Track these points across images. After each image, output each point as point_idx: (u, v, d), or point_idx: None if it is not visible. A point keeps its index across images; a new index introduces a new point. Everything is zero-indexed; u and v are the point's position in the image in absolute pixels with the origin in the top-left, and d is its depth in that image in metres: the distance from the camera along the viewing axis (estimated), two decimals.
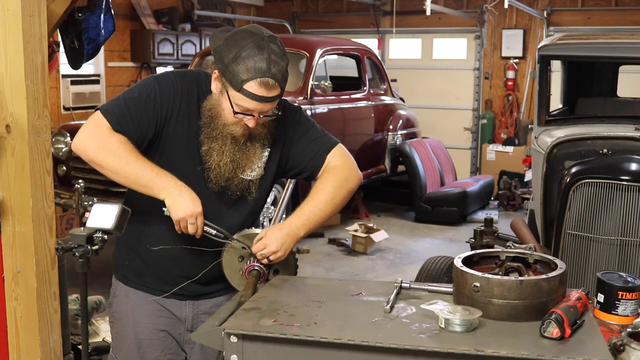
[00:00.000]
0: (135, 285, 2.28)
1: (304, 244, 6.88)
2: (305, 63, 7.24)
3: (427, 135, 9.23)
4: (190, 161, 2.14)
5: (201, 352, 2.31)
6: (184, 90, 2.13)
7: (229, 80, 2.01)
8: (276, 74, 2.01)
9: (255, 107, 2.03)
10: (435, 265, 4.07)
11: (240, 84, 1.99)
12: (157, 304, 2.27)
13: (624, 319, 1.83)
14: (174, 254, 2.19)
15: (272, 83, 2.01)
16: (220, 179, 2.14)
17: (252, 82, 1.99)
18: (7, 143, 2.44)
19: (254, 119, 2.06)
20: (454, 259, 1.88)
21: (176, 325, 2.30)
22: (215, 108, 2.10)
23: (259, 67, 1.98)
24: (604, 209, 3.36)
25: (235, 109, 2.03)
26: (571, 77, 5.62)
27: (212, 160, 2.11)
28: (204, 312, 2.31)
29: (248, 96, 2.00)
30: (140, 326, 2.27)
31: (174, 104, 2.11)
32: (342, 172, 2.25)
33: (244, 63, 1.98)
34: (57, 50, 4.67)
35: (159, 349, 2.28)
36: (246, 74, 1.98)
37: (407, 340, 1.61)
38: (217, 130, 2.10)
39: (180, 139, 2.13)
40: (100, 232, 1.87)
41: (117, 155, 2.01)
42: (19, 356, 2.55)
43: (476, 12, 9.99)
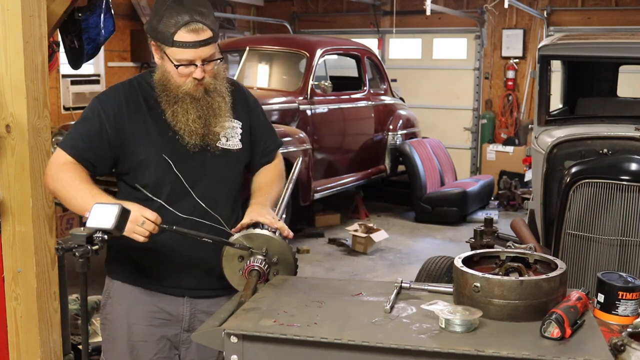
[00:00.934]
0: (131, 281, 2.27)
1: (304, 244, 6.89)
2: (305, 63, 7.24)
3: (427, 135, 9.23)
4: (161, 134, 2.19)
5: (197, 352, 2.30)
6: (126, 95, 2.22)
7: (162, 40, 2.11)
8: (201, 18, 2.10)
9: (193, 55, 2.11)
10: (435, 266, 4.07)
11: (171, 38, 2.09)
12: (153, 305, 2.26)
13: (624, 319, 1.83)
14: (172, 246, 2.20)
15: (200, 27, 2.09)
16: (195, 137, 2.19)
17: (180, 31, 2.08)
18: (7, 143, 2.44)
19: (199, 68, 2.13)
20: (454, 259, 1.88)
21: (172, 326, 2.29)
22: (163, 75, 2.18)
23: (182, 17, 2.08)
24: (604, 209, 3.36)
25: (176, 64, 2.11)
26: (571, 77, 5.62)
27: (179, 121, 2.18)
28: (202, 311, 2.30)
29: (182, 46, 2.09)
30: (135, 327, 2.26)
31: (120, 112, 2.18)
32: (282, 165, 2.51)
33: (168, 20, 2.09)
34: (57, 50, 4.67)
35: (152, 351, 2.26)
36: (173, 27, 2.08)
37: (408, 340, 1.61)
38: (173, 93, 2.17)
39: (142, 132, 2.19)
40: (100, 232, 1.86)
41: (64, 183, 2.11)
42: (19, 356, 2.56)
43: (476, 12, 9.99)
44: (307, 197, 6.76)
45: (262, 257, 2.14)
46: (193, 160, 2.22)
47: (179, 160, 2.19)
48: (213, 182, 2.26)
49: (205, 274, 2.28)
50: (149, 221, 1.99)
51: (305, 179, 6.66)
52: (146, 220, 1.99)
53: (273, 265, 2.17)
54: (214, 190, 2.26)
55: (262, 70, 7.68)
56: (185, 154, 2.20)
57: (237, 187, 2.38)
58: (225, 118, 2.25)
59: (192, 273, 2.27)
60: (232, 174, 2.33)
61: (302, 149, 6.53)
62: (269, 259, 2.16)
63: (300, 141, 6.55)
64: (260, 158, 2.44)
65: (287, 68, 7.56)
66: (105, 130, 2.16)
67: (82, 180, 2.11)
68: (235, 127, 2.31)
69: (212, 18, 2.14)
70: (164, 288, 2.27)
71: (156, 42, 2.14)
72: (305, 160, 6.59)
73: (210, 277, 2.29)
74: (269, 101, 6.85)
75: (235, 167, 2.34)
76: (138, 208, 2.00)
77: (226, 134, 2.27)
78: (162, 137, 2.19)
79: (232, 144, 2.29)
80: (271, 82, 7.54)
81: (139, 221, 1.98)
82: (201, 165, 2.24)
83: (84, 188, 2.09)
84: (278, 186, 2.40)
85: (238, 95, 2.36)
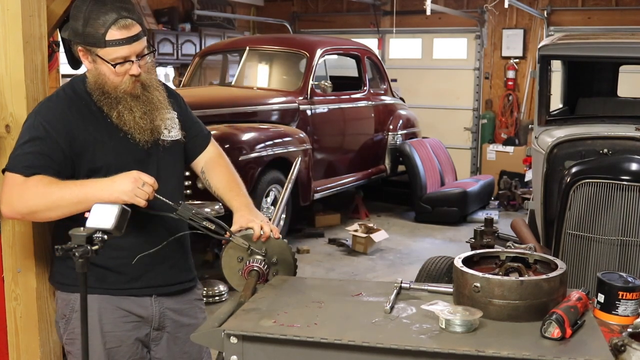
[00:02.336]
0: (98, 291, 2.20)
1: (304, 244, 6.89)
2: (305, 63, 7.24)
3: (427, 135, 9.23)
4: (112, 138, 2.17)
5: (167, 348, 2.32)
6: (68, 105, 2.16)
7: (92, 43, 2.08)
8: (127, 14, 2.08)
9: (128, 51, 2.09)
10: (435, 266, 4.07)
11: (102, 39, 2.06)
12: (122, 310, 2.24)
13: (624, 319, 1.83)
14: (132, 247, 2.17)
15: (130, 22, 2.08)
16: (144, 133, 2.18)
17: (110, 30, 2.06)
18: (7, 143, 2.44)
19: (135, 64, 2.11)
20: (454, 259, 1.88)
21: (142, 327, 2.28)
22: (98, 79, 2.14)
23: (109, 16, 2.06)
24: (604, 209, 3.35)
25: (113, 63, 2.08)
26: (571, 77, 5.61)
27: (126, 120, 2.16)
28: (170, 308, 2.31)
29: (115, 44, 2.07)
30: (108, 335, 2.23)
31: (67, 123, 2.12)
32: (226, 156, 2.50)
33: (94, 21, 2.06)
34: (57, 50, 4.66)
35: (127, 355, 2.26)
36: (102, 27, 2.05)
37: (408, 340, 1.61)
38: (112, 95, 2.14)
39: (94, 140, 2.15)
40: (100, 232, 1.86)
41: (39, 194, 2.03)
42: (19, 356, 2.55)
43: (476, 12, 9.99)
44: (307, 197, 6.76)
45: (262, 258, 2.14)
46: (148, 158, 2.22)
47: (135, 160, 2.18)
48: (168, 175, 2.27)
49: (169, 269, 2.29)
50: (148, 184, 2.02)
51: (305, 179, 6.66)
52: (145, 182, 2.02)
53: (272, 266, 2.17)
54: (170, 183, 2.26)
55: (262, 70, 7.68)
56: (140, 152, 2.19)
57: (183, 176, 2.42)
58: (166, 110, 2.26)
59: (156, 270, 2.26)
60: (180, 164, 2.36)
61: (302, 149, 6.53)
62: (269, 259, 2.16)
63: (300, 141, 6.55)
64: (194, 144, 2.43)
65: (287, 68, 7.56)
66: (58, 144, 2.09)
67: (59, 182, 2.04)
68: (173, 118, 2.31)
69: (137, 12, 2.14)
70: (130, 290, 2.25)
71: (85, 46, 2.10)
72: (305, 160, 6.59)
73: (174, 272, 2.31)
74: (269, 101, 6.85)
75: (181, 156, 2.37)
76: (137, 172, 2.03)
77: (167, 126, 2.27)
78: (114, 140, 2.16)
79: (174, 134, 2.30)
80: (271, 82, 7.53)
81: (139, 183, 2.01)
82: (155, 160, 2.24)
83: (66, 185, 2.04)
84: (238, 178, 2.43)
85: (167, 89, 2.36)
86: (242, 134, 5.92)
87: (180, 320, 2.34)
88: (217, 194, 2.40)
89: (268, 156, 6.07)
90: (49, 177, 2.05)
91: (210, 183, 2.42)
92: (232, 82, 7.45)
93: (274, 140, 6.22)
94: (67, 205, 2.05)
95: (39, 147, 2.08)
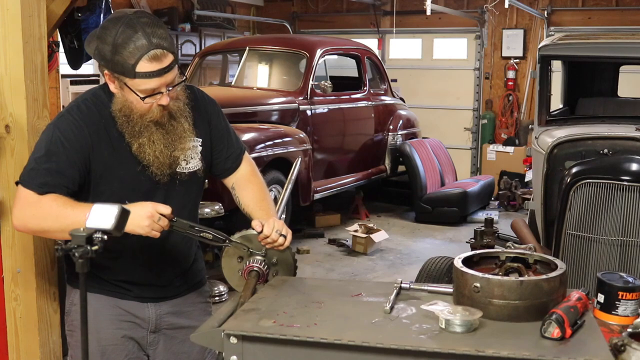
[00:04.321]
0: (96, 290, 2.19)
1: (304, 244, 6.88)
2: (305, 63, 7.24)
3: (427, 135, 9.22)
4: (129, 168, 2.10)
5: (165, 352, 2.30)
6: (87, 122, 2.07)
7: (121, 72, 1.98)
8: (159, 42, 1.96)
9: (158, 83, 1.99)
10: (435, 266, 4.07)
11: (132, 70, 1.95)
12: (119, 309, 2.24)
13: (624, 319, 1.83)
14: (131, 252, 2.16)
15: (161, 52, 1.96)
16: (164, 168, 2.11)
17: (141, 61, 1.94)
18: (7, 143, 2.44)
19: (164, 95, 2.02)
20: (454, 260, 1.88)
21: (139, 328, 2.27)
22: (124, 106, 2.05)
23: (140, 44, 1.94)
24: (604, 210, 3.35)
25: (142, 95, 1.99)
26: (572, 77, 5.61)
27: (147, 155, 2.07)
28: (167, 312, 2.30)
29: (146, 77, 1.96)
30: (104, 332, 2.22)
31: (84, 141, 2.05)
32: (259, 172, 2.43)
33: (124, 49, 1.94)
34: (56, 50, 4.68)
35: (122, 353, 2.25)
36: (132, 57, 1.94)
37: (408, 341, 1.61)
38: (138, 124, 2.05)
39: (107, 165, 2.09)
40: (99, 232, 1.86)
41: (52, 216, 1.97)
42: (19, 356, 2.55)
43: (476, 12, 9.98)
44: (307, 197, 6.75)
45: (262, 258, 2.14)
46: (158, 191, 2.15)
47: (145, 193, 2.11)
48: (178, 206, 2.15)
49: (168, 281, 2.27)
50: (164, 217, 1.96)
51: (305, 179, 6.66)
52: (162, 216, 1.95)
53: (272, 266, 2.17)
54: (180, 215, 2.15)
55: (262, 70, 7.68)
56: (152, 186, 2.13)
57: (197, 204, 2.34)
58: (188, 139, 2.15)
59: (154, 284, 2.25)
60: (194, 195, 2.28)
61: (302, 149, 6.53)
62: (268, 260, 2.15)
63: (300, 141, 6.55)
64: (225, 165, 2.34)
65: (287, 68, 7.56)
66: (74, 160, 2.03)
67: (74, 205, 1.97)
68: (195, 147, 2.21)
69: (169, 38, 2.01)
70: (127, 297, 2.24)
71: (114, 73, 1.99)
72: (305, 161, 6.59)
73: (172, 284, 2.29)
74: (269, 101, 6.85)
75: (196, 187, 2.27)
76: (152, 205, 1.95)
77: (186, 157, 2.17)
78: (125, 170, 2.10)
79: (192, 165, 2.20)
80: (271, 82, 7.53)
81: (156, 217, 1.94)
82: (165, 193, 2.17)
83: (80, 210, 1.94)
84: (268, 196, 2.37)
85: (197, 106, 2.23)
86: (242, 134, 5.91)
87: (178, 322, 2.32)
88: (245, 211, 2.33)
89: (268, 156, 6.07)
90: (63, 198, 1.99)
91: (240, 200, 2.35)
92: (232, 82, 7.45)
93: (273, 141, 6.22)
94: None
95: (54, 163, 2.01)
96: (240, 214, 2.38)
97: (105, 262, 2.17)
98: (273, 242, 2.13)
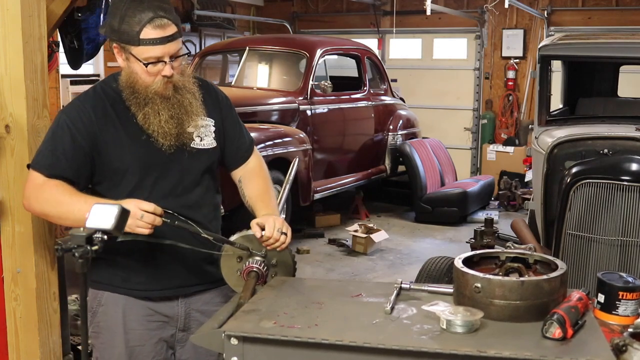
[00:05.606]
0: (122, 291, 2.22)
1: (304, 244, 6.88)
2: (305, 63, 7.23)
3: (427, 135, 9.22)
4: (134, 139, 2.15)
5: (193, 350, 2.29)
6: (92, 103, 2.16)
7: (126, 41, 2.06)
8: (164, 14, 2.06)
9: (161, 51, 2.06)
10: (435, 266, 4.06)
11: (137, 37, 2.04)
12: (147, 309, 2.24)
13: (624, 319, 1.83)
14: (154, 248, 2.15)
15: (165, 22, 2.06)
16: (170, 138, 2.15)
17: (145, 28, 2.04)
18: (7, 143, 2.44)
19: (168, 65, 2.09)
20: (455, 260, 1.88)
21: (167, 327, 2.28)
22: (130, 77, 2.13)
23: (145, 14, 2.04)
24: (604, 210, 3.35)
25: (145, 62, 2.07)
26: (571, 77, 5.61)
27: (152, 123, 2.13)
28: (196, 309, 2.30)
29: (149, 43, 2.04)
30: (132, 333, 2.23)
31: (89, 121, 2.13)
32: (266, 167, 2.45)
33: (130, 19, 2.04)
34: (56, 50, 4.67)
35: (150, 355, 2.25)
36: (137, 25, 2.04)
37: (409, 341, 1.61)
38: (142, 94, 2.12)
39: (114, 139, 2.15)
40: (99, 232, 1.86)
41: (52, 202, 2.08)
42: (19, 356, 2.55)
43: (476, 12, 9.98)
44: (307, 197, 6.75)
45: (261, 259, 2.14)
46: (170, 163, 2.18)
47: (156, 163, 2.16)
48: (191, 183, 2.23)
49: (193, 267, 2.26)
50: (148, 213, 1.97)
51: (305, 179, 6.66)
52: (145, 212, 1.97)
53: (272, 267, 2.17)
54: (193, 192, 2.23)
55: (262, 70, 7.67)
56: (162, 157, 2.16)
57: (215, 185, 2.35)
58: (198, 116, 2.21)
59: (179, 270, 2.24)
60: (209, 173, 2.30)
61: (302, 149, 6.53)
62: (268, 261, 2.15)
63: (300, 141, 6.55)
64: (236, 156, 2.39)
65: (287, 68, 7.56)
66: (79, 142, 2.11)
67: (72, 194, 2.08)
68: (208, 125, 2.27)
69: (174, 13, 2.11)
70: (156, 292, 2.25)
71: (120, 43, 2.09)
72: (305, 161, 6.59)
73: (198, 270, 2.27)
74: (269, 101, 6.85)
75: (211, 166, 2.31)
76: (135, 203, 1.98)
77: (200, 133, 2.23)
78: (135, 142, 2.15)
79: (206, 142, 2.25)
80: (271, 82, 7.53)
81: (138, 215, 1.96)
82: (178, 167, 2.20)
83: (77, 200, 2.05)
84: (272, 190, 2.40)
85: (208, 92, 2.31)
86: None
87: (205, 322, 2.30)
88: (249, 204, 2.36)
89: (268, 156, 6.06)
90: (66, 186, 2.08)
91: (244, 193, 2.38)
92: (232, 82, 7.44)
93: (273, 141, 6.22)
94: (73, 220, 2.05)
95: (60, 145, 2.11)
96: (241, 214, 2.38)
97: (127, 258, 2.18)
98: (275, 242, 2.13)
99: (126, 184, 2.16)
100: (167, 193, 2.17)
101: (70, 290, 3.13)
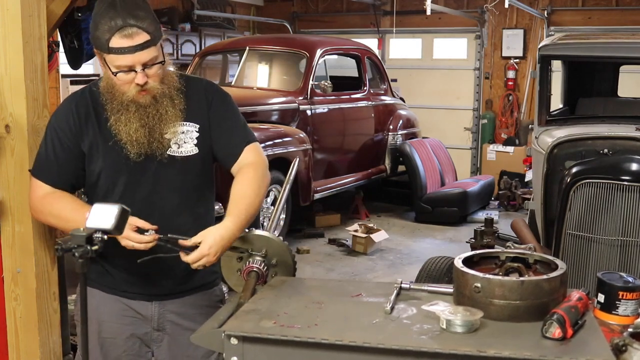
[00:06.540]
0: (97, 286, 2.23)
1: (304, 244, 6.88)
2: (305, 63, 7.24)
3: (427, 135, 9.22)
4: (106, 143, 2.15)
5: (169, 350, 2.30)
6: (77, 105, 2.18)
7: (99, 47, 2.05)
8: (134, 22, 2.01)
9: (131, 60, 2.03)
10: (435, 266, 4.07)
11: (106, 45, 2.02)
12: (121, 303, 2.25)
13: (624, 319, 1.83)
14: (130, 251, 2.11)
15: (134, 31, 2.01)
16: (138, 147, 2.12)
17: (114, 37, 2.01)
18: (7, 143, 2.44)
19: (140, 74, 2.05)
20: (455, 260, 1.87)
21: (142, 325, 2.27)
22: (108, 82, 2.13)
23: (115, 22, 2.01)
24: (604, 210, 3.35)
25: (115, 70, 2.05)
26: (572, 77, 5.61)
27: (121, 131, 2.12)
28: (171, 311, 2.28)
29: (117, 52, 2.02)
30: (104, 325, 2.25)
31: (73, 123, 2.16)
32: (261, 168, 2.27)
33: (102, 26, 2.02)
34: (56, 50, 4.67)
35: (120, 349, 2.26)
36: (107, 33, 2.01)
37: (409, 341, 1.61)
38: (117, 100, 2.11)
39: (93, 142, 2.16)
40: (99, 232, 1.86)
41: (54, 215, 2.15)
42: (19, 356, 2.55)
43: (476, 12, 9.98)
44: (307, 197, 6.75)
45: (261, 259, 2.14)
46: (141, 170, 2.16)
47: (125, 170, 2.15)
48: (167, 191, 2.18)
49: (172, 278, 2.25)
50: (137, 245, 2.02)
51: (305, 179, 6.66)
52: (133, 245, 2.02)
53: (272, 267, 2.16)
54: (171, 200, 2.19)
55: (262, 70, 7.68)
56: (130, 164, 2.14)
57: (198, 193, 2.27)
58: (176, 123, 2.15)
59: (157, 280, 2.24)
60: (188, 181, 2.22)
61: (302, 149, 6.53)
62: (268, 261, 2.15)
63: (300, 141, 6.55)
64: (226, 154, 2.28)
65: (287, 68, 7.56)
66: (67, 145, 2.15)
67: (73, 208, 2.11)
68: (189, 132, 2.20)
69: (150, 20, 2.05)
70: (130, 294, 2.25)
71: (97, 49, 2.07)
72: (305, 161, 6.59)
73: (176, 281, 2.26)
74: (269, 101, 6.85)
75: (191, 173, 2.22)
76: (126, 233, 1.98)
77: (178, 140, 2.17)
78: (107, 146, 2.15)
79: (185, 150, 2.18)
80: (271, 82, 7.53)
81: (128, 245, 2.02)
82: (150, 174, 2.17)
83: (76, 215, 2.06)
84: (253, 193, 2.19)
85: (195, 93, 2.23)
86: None
87: (182, 324, 2.29)
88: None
89: (268, 156, 6.01)
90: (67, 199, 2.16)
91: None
92: (232, 82, 7.44)
93: (273, 141, 6.22)
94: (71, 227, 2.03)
95: (51, 150, 2.17)
96: None
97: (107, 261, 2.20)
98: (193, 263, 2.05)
99: (100, 186, 2.19)
100: (141, 199, 2.15)
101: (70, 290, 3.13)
